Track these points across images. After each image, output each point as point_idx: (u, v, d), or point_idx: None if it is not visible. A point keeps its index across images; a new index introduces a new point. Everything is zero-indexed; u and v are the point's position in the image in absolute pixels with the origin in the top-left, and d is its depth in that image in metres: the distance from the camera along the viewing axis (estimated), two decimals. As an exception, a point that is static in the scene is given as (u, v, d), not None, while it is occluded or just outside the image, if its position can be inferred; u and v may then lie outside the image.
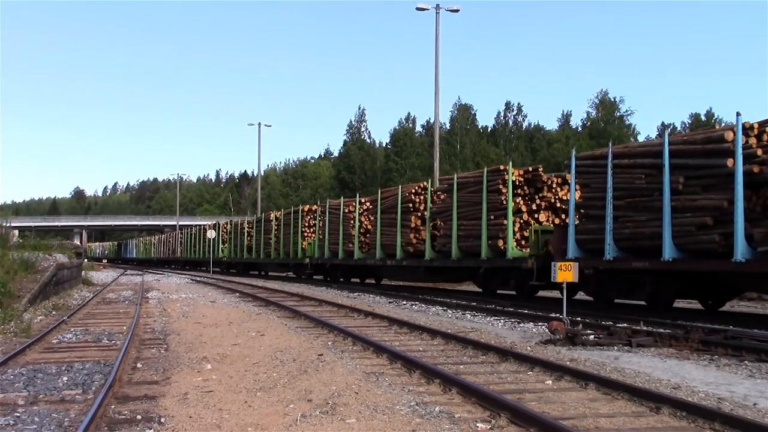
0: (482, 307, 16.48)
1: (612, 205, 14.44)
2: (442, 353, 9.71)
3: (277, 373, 8.23)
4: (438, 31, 33.31)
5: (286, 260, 36.04)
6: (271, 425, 5.87)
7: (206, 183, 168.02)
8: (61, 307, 17.87)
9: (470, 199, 19.63)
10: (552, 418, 5.73)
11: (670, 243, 13.08)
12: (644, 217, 13.93)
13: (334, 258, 29.61)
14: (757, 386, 7.42)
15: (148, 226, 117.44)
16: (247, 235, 43.58)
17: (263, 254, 39.68)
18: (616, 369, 8.29)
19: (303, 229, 33.72)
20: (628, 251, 14.39)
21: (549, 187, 18.74)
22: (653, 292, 14.83)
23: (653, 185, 13.73)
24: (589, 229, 15.36)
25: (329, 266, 30.83)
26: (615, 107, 75.30)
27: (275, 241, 37.48)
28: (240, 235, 45.18)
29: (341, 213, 28.80)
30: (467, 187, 19.93)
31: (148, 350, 10.30)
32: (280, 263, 37.89)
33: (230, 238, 48.46)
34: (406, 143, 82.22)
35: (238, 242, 45.56)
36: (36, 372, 8.40)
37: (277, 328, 13.03)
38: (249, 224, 44.38)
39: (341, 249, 28.50)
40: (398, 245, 23.51)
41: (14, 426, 5.93)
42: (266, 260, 39.71)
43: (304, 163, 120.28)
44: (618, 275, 15.25)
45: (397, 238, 23.54)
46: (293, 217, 34.98)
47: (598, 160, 15.36)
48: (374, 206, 26.02)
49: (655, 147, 14.01)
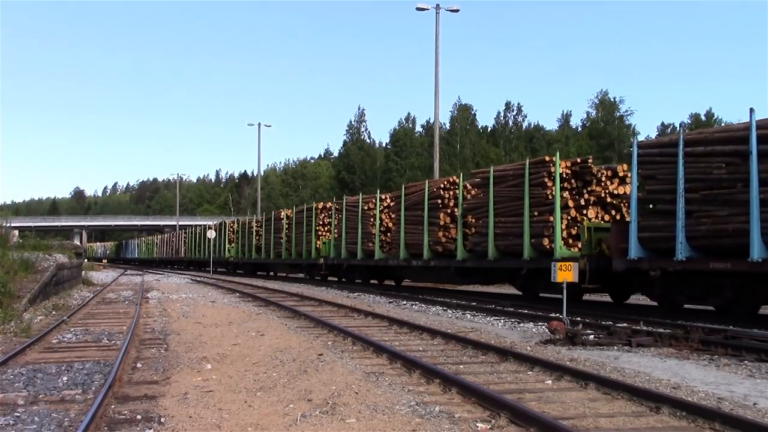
0: (482, 307, 16.47)
1: (684, 198, 12.94)
2: (442, 353, 9.71)
3: (277, 372, 8.23)
4: (438, 32, 33.37)
5: (299, 261, 34.15)
6: (271, 425, 5.87)
7: (206, 183, 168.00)
8: (61, 307, 17.87)
9: (509, 194, 17.83)
10: (552, 417, 5.73)
11: (759, 241, 11.65)
12: (725, 211, 12.41)
13: (351, 258, 27.72)
14: (757, 386, 7.42)
15: (148, 226, 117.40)
16: (256, 235, 41.51)
17: (273, 254, 37.83)
18: (616, 369, 8.29)
19: (317, 227, 31.79)
20: (703, 250, 12.89)
21: (598, 181, 16.92)
22: (735, 298, 13.35)
23: (736, 175, 12.25)
24: (655, 226, 13.78)
25: (346, 267, 28.88)
26: (615, 107, 75.33)
27: (286, 241, 35.56)
28: (248, 234, 43.16)
29: (360, 210, 26.86)
30: (505, 181, 18.11)
31: (148, 350, 10.30)
32: (291, 264, 36.15)
33: (237, 238, 46.30)
34: (406, 143, 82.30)
35: (246, 242, 43.51)
36: (36, 372, 8.40)
37: (277, 328, 13.03)
38: (258, 223, 42.03)
39: (360, 249, 26.61)
40: (425, 244, 21.56)
41: (14, 426, 5.93)
42: (276, 261, 37.88)
43: (304, 163, 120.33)
44: (691, 278, 13.67)
45: (424, 236, 21.61)
46: (306, 216, 32.98)
47: (667, 149, 13.72)
48: (397, 203, 24.23)
49: (739, 132, 12.42)
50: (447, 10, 33.76)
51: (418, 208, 22.38)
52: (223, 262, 49.34)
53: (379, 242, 25.14)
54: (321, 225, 31.83)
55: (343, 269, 29.41)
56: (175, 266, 66.35)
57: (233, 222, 49.67)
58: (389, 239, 24.83)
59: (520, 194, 17.32)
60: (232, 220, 51.77)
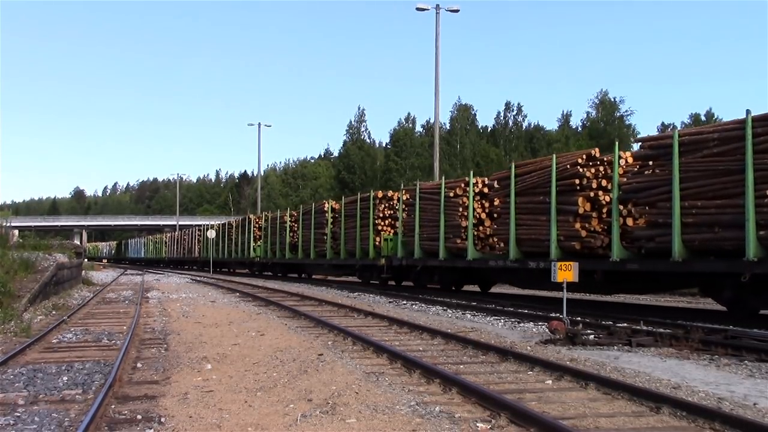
0: (482, 307, 16.47)
1: None
2: (442, 353, 9.71)
3: (277, 372, 8.23)
4: (438, 32, 33.38)
5: (350, 261, 28.37)
6: (271, 425, 5.87)
7: (206, 183, 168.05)
8: (61, 306, 17.87)
9: (710, 167, 12.76)
10: (552, 417, 5.73)
11: None
12: None
13: (429, 258, 22.07)
14: (757, 386, 7.42)
15: (148, 226, 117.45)
16: (290, 231, 35.36)
17: (314, 254, 31.91)
18: (616, 369, 8.29)
19: (376, 221, 25.98)
20: None
21: None
22: None
23: None
24: None
25: (421, 269, 23.17)
26: (615, 107, 75.44)
27: (332, 238, 30.02)
28: (279, 230, 36.97)
29: (442, 198, 21.12)
30: (702, 148, 12.94)
31: (148, 350, 10.30)
32: (338, 264, 30.12)
33: (265, 235, 39.66)
34: (406, 143, 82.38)
35: (277, 239, 37.22)
36: (36, 372, 8.40)
37: (277, 327, 13.03)
38: (293, 217, 35.70)
39: (442, 246, 20.90)
40: (553, 240, 15.99)
41: (14, 426, 5.93)
42: (318, 261, 31.99)
43: (304, 163, 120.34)
44: None
45: (551, 229, 16.02)
46: (361, 207, 27.07)
47: None
48: (503, 187, 18.39)
49: None
50: (447, 10, 33.78)
51: (539, 192, 16.73)
52: (248, 262, 43.51)
53: (472, 238, 19.56)
54: (381, 218, 26.02)
55: (417, 271, 23.70)
56: (185, 267, 62.41)
57: (259, 217, 43.61)
58: (483, 234, 19.63)
59: (735, 165, 12.27)
60: (258, 215, 45.66)
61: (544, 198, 16.47)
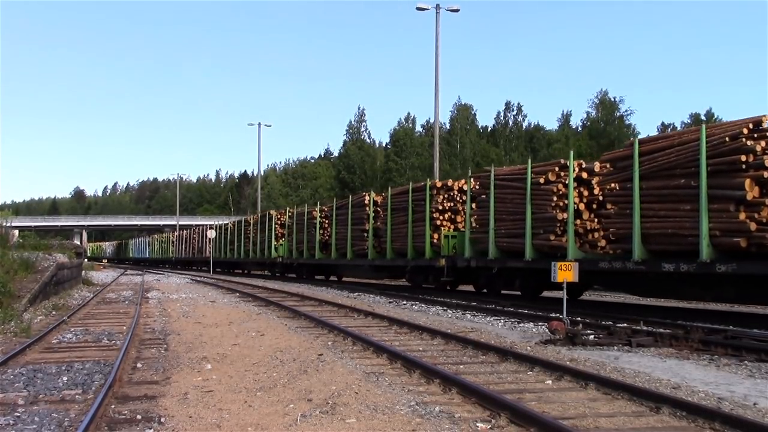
0: (482, 307, 16.45)
1: None
2: (442, 353, 9.71)
3: (277, 372, 8.23)
4: (438, 31, 33.38)
5: (398, 261, 24.25)
6: (271, 425, 5.87)
7: (206, 183, 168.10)
8: (61, 307, 17.87)
9: None
10: (552, 417, 5.73)
11: None
12: None
13: (509, 259, 17.94)
14: (757, 386, 7.42)
15: (148, 226, 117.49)
16: (320, 228, 31.36)
17: (351, 253, 27.68)
18: (616, 369, 8.30)
19: (433, 214, 21.92)
20: None
21: None
22: None
23: None
24: None
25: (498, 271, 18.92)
26: (615, 107, 75.43)
27: (374, 235, 25.75)
28: (307, 227, 32.95)
29: (528, 185, 16.94)
30: None
31: (148, 350, 10.30)
32: (383, 266, 25.98)
33: (290, 233, 35.72)
34: (406, 143, 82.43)
35: (305, 237, 33.01)
36: (36, 372, 8.40)
37: (277, 328, 13.03)
38: (323, 212, 31.65)
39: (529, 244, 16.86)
40: (703, 235, 12.46)
41: (14, 426, 5.93)
42: (357, 261, 27.77)
43: (304, 163, 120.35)
44: None
45: (701, 222, 12.51)
46: (413, 199, 22.94)
47: None
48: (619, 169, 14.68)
49: None
50: (447, 10, 33.79)
51: (679, 174, 13.19)
52: (268, 263, 39.52)
53: (573, 234, 15.67)
54: (439, 211, 21.91)
55: (490, 275, 19.56)
56: (197, 267, 59.35)
57: (281, 212, 39.36)
58: (581, 229, 15.68)
59: None
60: (281, 210, 41.68)
61: (689, 181, 12.87)
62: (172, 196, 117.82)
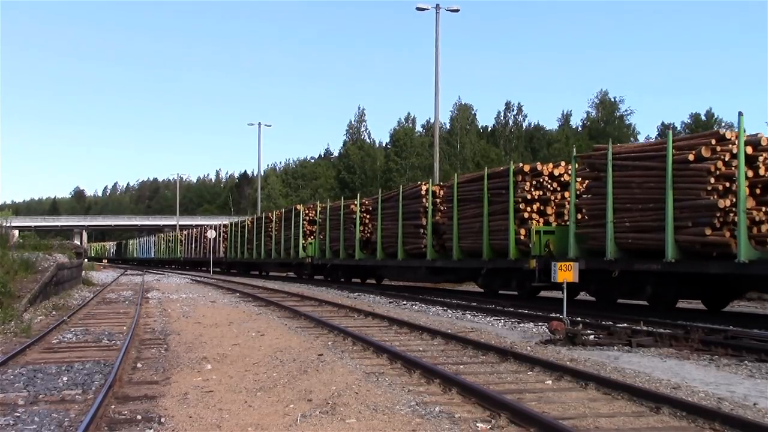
0: (482, 307, 16.46)
1: None
2: (442, 353, 9.71)
3: (277, 373, 8.23)
4: (438, 31, 33.39)
5: (468, 263, 20.33)
6: (271, 425, 5.87)
7: (206, 183, 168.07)
8: (61, 307, 17.88)
9: None
10: (552, 418, 5.73)
11: None
12: None
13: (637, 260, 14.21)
14: (757, 386, 7.42)
15: (148, 226, 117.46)
16: (360, 224, 27.23)
17: (402, 253, 23.65)
18: (616, 369, 8.30)
19: (519, 205, 17.87)
20: None
21: None
22: None
23: None
24: None
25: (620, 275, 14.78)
26: (615, 107, 75.52)
27: (433, 231, 22.04)
28: (344, 224, 28.78)
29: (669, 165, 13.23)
30: None
31: (148, 350, 10.31)
32: (446, 268, 21.90)
33: (321, 230, 32.01)
34: (406, 143, 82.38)
35: (340, 235, 28.89)
36: (36, 372, 8.41)
37: (277, 328, 13.03)
38: (365, 206, 27.52)
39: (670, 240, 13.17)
40: None
41: (14, 426, 5.94)
42: (410, 262, 23.86)
43: (304, 163, 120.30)
44: None
45: None
46: (490, 187, 18.89)
47: None
48: None
49: None
50: (447, 10, 33.79)
51: None
52: (295, 264, 35.98)
53: (745, 227, 12.03)
54: (525, 201, 17.82)
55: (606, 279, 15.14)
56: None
57: (310, 207, 35.33)
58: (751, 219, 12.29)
59: None
60: (309, 205, 37.76)
61: None
62: (172, 196, 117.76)
